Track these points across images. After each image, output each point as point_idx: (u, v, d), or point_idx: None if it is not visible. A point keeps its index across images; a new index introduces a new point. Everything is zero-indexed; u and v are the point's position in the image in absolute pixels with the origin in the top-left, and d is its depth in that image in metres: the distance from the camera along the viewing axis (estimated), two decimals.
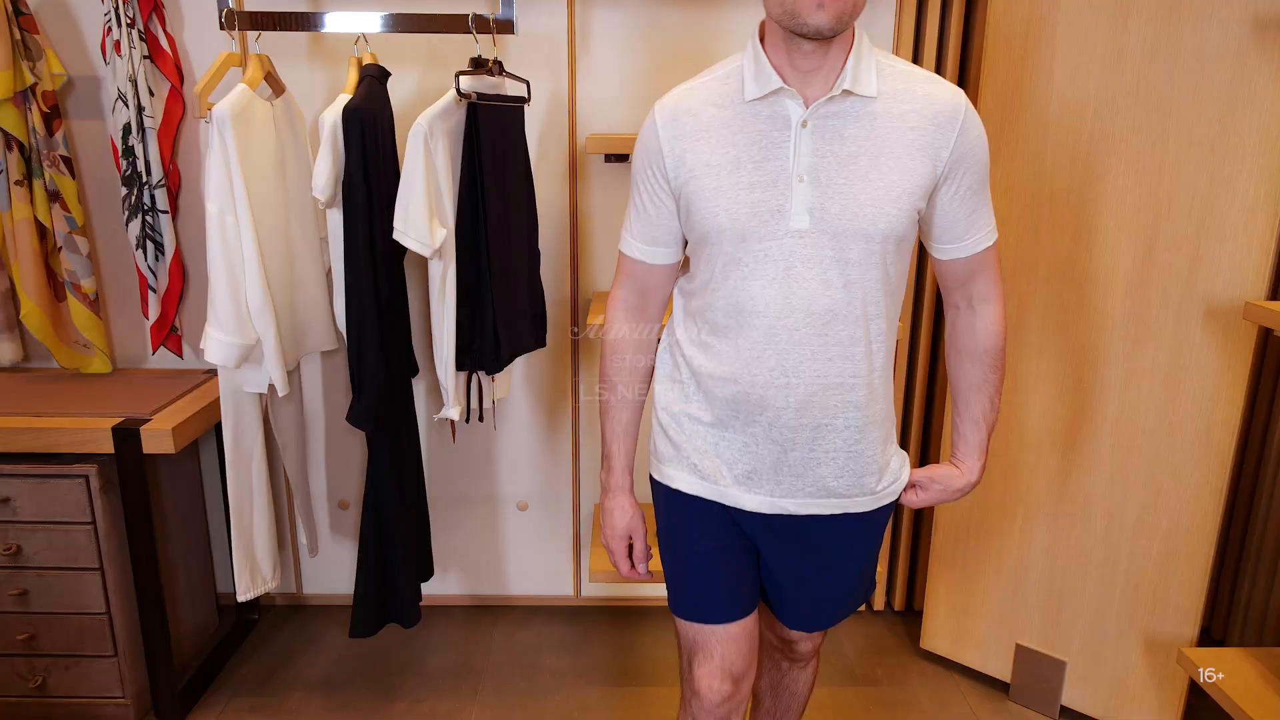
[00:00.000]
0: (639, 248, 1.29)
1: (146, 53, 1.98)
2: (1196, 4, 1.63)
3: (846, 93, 1.13)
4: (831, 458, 1.25)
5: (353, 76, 1.80)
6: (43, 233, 2.04)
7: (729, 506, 1.31)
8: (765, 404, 1.22)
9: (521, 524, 2.43)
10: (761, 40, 1.17)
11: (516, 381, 2.32)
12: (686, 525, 1.34)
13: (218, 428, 2.19)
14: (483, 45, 1.88)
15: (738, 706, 1.37)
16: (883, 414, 1.28)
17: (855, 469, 1.26)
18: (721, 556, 1.33)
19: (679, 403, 1.31)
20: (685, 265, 1.32)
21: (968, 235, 1.26)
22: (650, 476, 1.39)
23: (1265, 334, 1.78)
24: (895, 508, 1.38)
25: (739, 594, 1.35)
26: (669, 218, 1.25)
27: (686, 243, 1.28)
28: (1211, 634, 2.27)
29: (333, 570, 2.47)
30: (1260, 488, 2.11)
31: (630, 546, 1.41)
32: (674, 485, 1.33)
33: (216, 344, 1.75)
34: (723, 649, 1.33)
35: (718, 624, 1.33)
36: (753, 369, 1.21)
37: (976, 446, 1.36)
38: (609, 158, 2.15)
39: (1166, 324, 1.77)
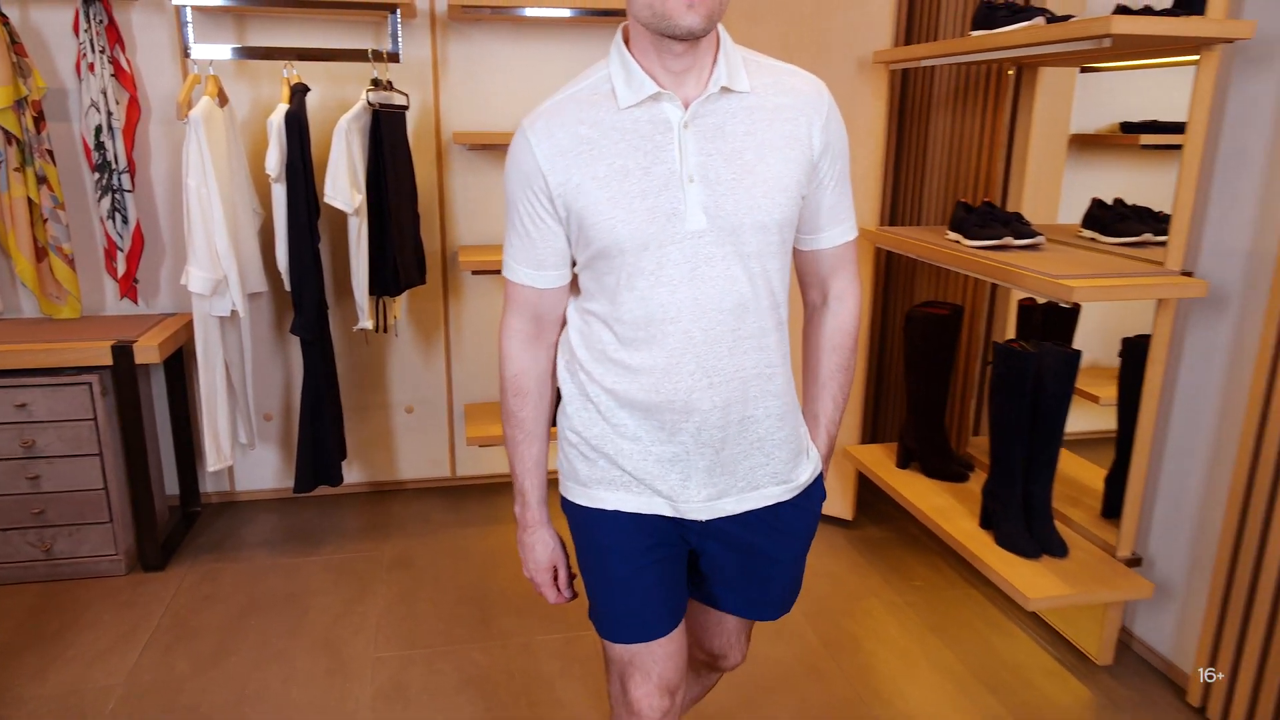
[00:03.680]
0: (526, 273, 1.23)
1: (113, 72, 2.66)
2: (832, 51, 2.69)
3: (725, 90, 1.14)
4: (759, 448, 1.25)
5: (285, 91, 2.57)
6: (30, 208, 2.67)
7: (664, 516, 1.27)
8: (691, 408, 1.19)
9: (408, 423, 3.24)
10: (627, 44, 1.15)
11: (402, 312, 3.13)
12: (615, 545, 1.29)
13: (173, 356, 2.88)
14: (378, 70, 2.70)
15: (674, 712, 1.38)
16: (794, 400, 1.29)
17: (782, 456, 1.27)
18: (653, 570, 1.30)
19: (595, 424, 1.25)
20: (574, 284, 1.27)
21: (831, 226, 1.27)
22: (564, 500, 1.34)
23: (878, 250, 2.88)
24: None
25: (672, 605, 1.33)
26: (554, 239, 1.19)
27: (574, 262, 1.23)
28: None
29: (259, 470, 3.19)
30: (889, 349, 3.24)
31: (555, 574, 1.39)
32: (598, 505, 1.28)
33: (196, 278, 2.48)
34: (660, 666, 1.32)
35: (655, 640, 1.31)
36: (674, 375, 1.18)
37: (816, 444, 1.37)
38: (470, 147, 3.01)
39: None
